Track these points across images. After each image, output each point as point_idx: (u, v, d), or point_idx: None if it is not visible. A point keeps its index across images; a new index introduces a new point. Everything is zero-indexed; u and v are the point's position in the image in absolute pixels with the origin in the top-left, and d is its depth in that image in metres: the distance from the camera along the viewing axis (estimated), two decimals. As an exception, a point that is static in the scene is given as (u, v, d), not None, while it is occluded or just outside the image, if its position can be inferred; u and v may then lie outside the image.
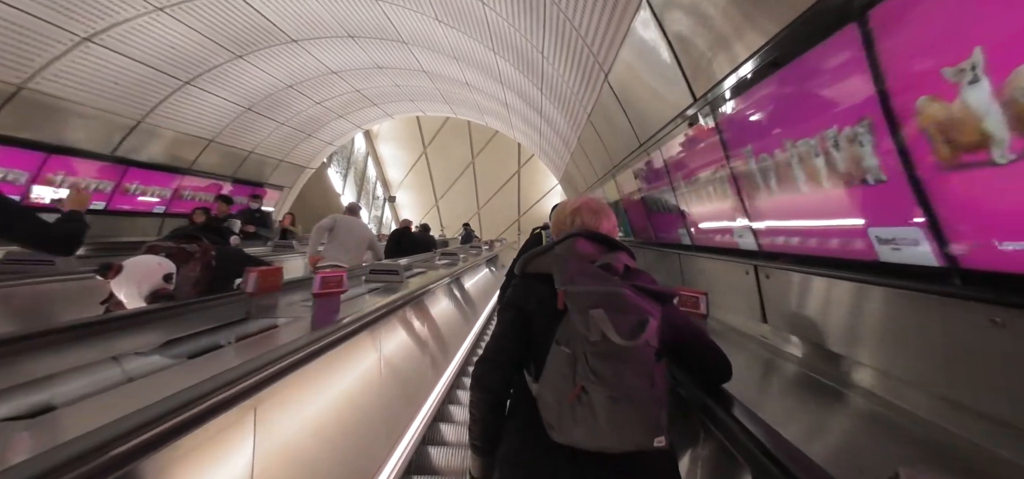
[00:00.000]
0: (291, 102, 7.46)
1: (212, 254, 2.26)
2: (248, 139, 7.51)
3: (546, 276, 1.11)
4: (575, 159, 6.99)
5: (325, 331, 1.66)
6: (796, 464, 0.90)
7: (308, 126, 8.66)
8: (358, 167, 17.28)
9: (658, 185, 3.34)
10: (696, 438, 1.39)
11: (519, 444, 1.06)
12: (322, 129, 9.20)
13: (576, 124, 5.56)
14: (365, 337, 2.15)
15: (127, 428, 0.81)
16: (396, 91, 8.90)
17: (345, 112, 9.08)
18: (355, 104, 8.94)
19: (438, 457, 2.46)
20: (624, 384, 0.93)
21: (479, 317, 5.13)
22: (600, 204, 1.31)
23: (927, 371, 1.34)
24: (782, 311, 2.11)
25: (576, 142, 6.14)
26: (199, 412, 0.99)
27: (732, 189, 2.18)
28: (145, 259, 2.01)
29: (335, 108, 8.63)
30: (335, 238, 4.17)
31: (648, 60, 2.76)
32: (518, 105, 7.75)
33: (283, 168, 9.14)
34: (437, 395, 2.98)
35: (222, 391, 1.07)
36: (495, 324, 1.24)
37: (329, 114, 8.74)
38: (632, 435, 0.94)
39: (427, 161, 19.55)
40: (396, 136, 18.47)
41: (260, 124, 7.40)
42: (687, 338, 1.15)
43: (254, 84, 6.40)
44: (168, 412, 0.91)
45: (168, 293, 2.00)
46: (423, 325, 3.26)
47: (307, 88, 7.30)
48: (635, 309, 0.98)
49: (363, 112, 9.58)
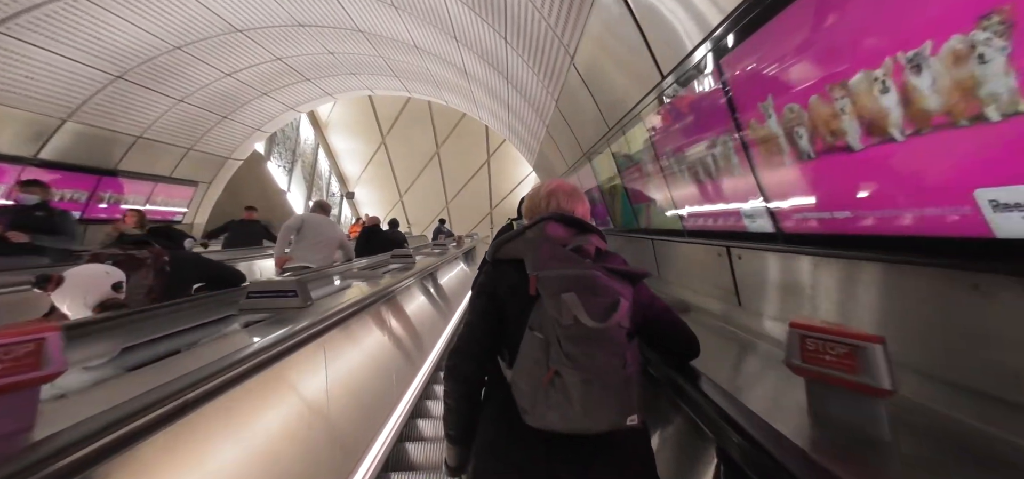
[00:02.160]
0: (186, 71, 5.79)
1: (165, 259, 2.17)
2: (131, 120, 5.79)
3: (518, 261, 1.09)
4: (553, 132, 5.66)
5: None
6: (757, 429, 0.93)
7: (220, 105, 6.97)
8: (306, 160, 15.42)
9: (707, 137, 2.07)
10: (665, 415, 1.44)
11: (494, 432, 1.07)
12: (242, 111, 7.51)
13: (553, 78, 4.22)
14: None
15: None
16: (331, 62, 7.32)
17: (269, 88, 7.42)
18: (281, 77, 7.29)
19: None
20: (597, 366, 0.94)
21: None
22: (574, 187, 1.27)
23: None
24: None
25: (553, 106, 4.81)
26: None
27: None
28: (89, 268, 1.91)
29: (254, 82, 6.97)
30: (303, 238, 3.95)
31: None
32: (480, 72, 6.34)
33: (193, 159, 7.41)
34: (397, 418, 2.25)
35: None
36: (467, 312, 1.23)
37: (247, 90, 7.08)
38: (606, 415, 0.94)
39: (387, 153, 17.85)
40: (349, 124, 16.66)
41: (144, 100, 5.69)
42: (655, 317, 1.17)
43: (120, 41, 4.73)
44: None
45: (119, 302, 1.90)
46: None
47: (205, 52, 5.65)
48: (606, 291, 0.98)
49: (294, 89, 7.93)
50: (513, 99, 6.33)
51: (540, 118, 5.81)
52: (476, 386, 1.12)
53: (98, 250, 2.06)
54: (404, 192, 19.19)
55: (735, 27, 1.46)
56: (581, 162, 4.70)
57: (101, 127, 5.44)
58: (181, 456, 1.06)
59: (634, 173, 3.06)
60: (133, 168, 6.30)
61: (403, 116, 16.74)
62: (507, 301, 1.08)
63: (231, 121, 7.55)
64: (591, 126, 3.81)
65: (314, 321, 1.80)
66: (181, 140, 6.92)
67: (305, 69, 7.33)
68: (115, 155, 5.97)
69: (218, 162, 8.17)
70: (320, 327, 1.84)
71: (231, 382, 1.22)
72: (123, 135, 5.87)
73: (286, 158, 13.70)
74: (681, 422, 1.37)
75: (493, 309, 1.10)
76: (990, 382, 1.00)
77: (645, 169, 2.79)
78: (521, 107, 6.36)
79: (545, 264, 1.01)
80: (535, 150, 7.98)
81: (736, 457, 0.99)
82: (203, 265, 2.48)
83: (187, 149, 7.16)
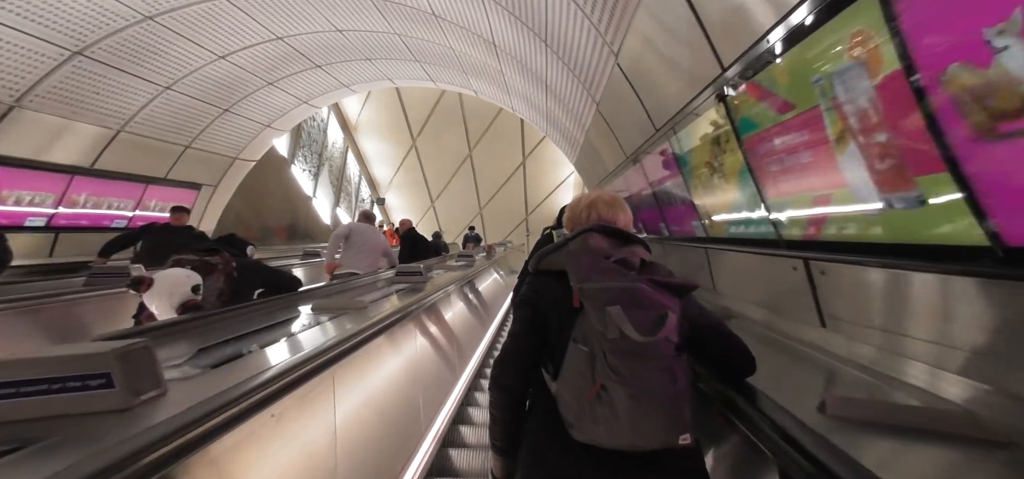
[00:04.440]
0: (167, 50, 4.92)
1: (233, 266, 2.31)
2: (105, 109, 4.98)
3: (560, 273, 1.08)
4: (604, 110, 4.33)
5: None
6: (826, 454, 0.83)
7: (218, 95, 6.13)
8: (335, 164, 14.80)
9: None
10: (718, 434, 1.34)
11: (540, 443, 1.05)
12: (246, 103, 6.67)
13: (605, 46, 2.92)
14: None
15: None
16: (341, 42, 6.34)
17: (275, 76, 6.53)
18: (286, 63, 6.38)
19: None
20: (644, 381, 0.92)
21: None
22: (615, 197, 1.26)
23: None
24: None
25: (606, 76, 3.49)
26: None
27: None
28: (174, 272, 2.05)
29: (254, 68, 6.08)
30: (351, 245, 4.23)
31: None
32: (512, 40, 5.12)
33: (193, 159, 6.62)
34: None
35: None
36: (511, 323, 1.22)
37: (248, 77, 6.20)
38: (655, 433, 0.92)
39: (418, 156, 17.03)
40: (379, 127, 15.95)
41: (119, 85, 4.86)
42: (707, 331, 1.12)
43: (71, 5, 3.86)
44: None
45: (196, 304, 2.04)
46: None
47: (185, 25, 4.75)
48: (653, 304, 0.96)
49: (304, 78, 7.03)
50: (553, 71, 5.05)
51: (587, 92, 4.49)
52: (520, 397, 1.11)
53: (179, 257, 2.22)
54: (436, 198, 18.33)
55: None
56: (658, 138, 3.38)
57: (63, 116, 4.62)
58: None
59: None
60: (114, 167, 5.51)
61: (434, 116, 15.84)
62: (550, 313, 1.07)
63: (235, 115, 6.71)
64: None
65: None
66: (176, 136, 6.12)
67: (312, 52, 6.38)
68: (89, 151, 5.18)
69: (224, 163, 7.39)
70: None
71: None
72: (97, 128, 5.07)
73: (312, 162, 13.06)
74: (737, 441, 1.27)
75: (536, 319, 1.09)
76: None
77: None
78: (562, 84, 5.07)
79: (588, 276, 1.00)
80: (578, 142, 6.66)
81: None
82: (265, 271, 2.69)
83: (184, 147, 6.37)
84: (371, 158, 17.07)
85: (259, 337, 1.80)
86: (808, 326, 1.85)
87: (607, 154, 5.25)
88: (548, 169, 16.72)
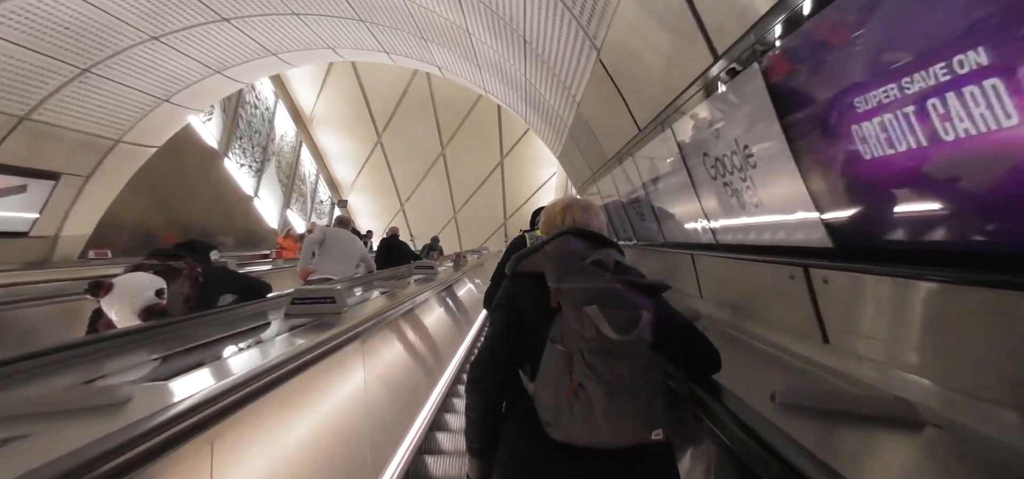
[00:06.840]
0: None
1: (199, 271, 2.23)
2: None
3: (537, 274, 1.11)
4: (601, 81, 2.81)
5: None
6: (787, 448, 0.90)
7: (66, 47, 4.36)
8: (286, 160, 12.94)
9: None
10: (688, 429, 1.40)
11: (517, 444, 1.07)
12: (118, 62, 4.89)
13: None
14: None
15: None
16: (248, -19, 4.67)
17: (160, 28, 4.79)
18: (173, 8, 4.66)
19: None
20: (621, 378, 0.95)
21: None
22: (590, 203, 1.33)
23: None
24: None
25: None
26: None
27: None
28: (135, 276, 1.97)
29: (123, 12, 4.34)
30: (326, 251, 4.14)
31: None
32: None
33: (33, 134, 4.79)
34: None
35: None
36: (488, 326, 1.23)
37: (117, 25, 4.45)
38: (630, 429, 0.96)
39: (384, 154, 15.30)
40: (339, 120, 14.14)
41: None
42: (677, 330, 1.16)
43: None
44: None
45: (161, 309, 1.98)
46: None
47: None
48: (629, 304, 0.99)
49: (207, 34, 5.30)
50: (532, 16, 3.51)
51: (584, 33, 2.97)
52: (497, 399, 1.12)
53: (139, 261, 2.11)
54: (405, 200, 16.61)
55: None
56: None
57: None
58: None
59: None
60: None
61: (401, 108, 14.14)
62: (527, 313, 1.10)
63: (103, 78, 4.93)
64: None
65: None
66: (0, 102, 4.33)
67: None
68: None
69: (99, 145, 5.57)
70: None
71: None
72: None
73: (254, 156, 11.19)
74: (704, 437, 1.34)
75: (513, 321, 1.12)
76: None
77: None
78: (546, 33, 3.54)
79: (566, 277, 1.04)
80: (566, 126, 5.14)
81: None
82: (232, 277, 2.65)
83: (20, 118, 4.56)
84: (331, 155, 15.24)
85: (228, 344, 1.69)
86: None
87: (610, 130, 3.73)
88: (528, 169, 15.24)
